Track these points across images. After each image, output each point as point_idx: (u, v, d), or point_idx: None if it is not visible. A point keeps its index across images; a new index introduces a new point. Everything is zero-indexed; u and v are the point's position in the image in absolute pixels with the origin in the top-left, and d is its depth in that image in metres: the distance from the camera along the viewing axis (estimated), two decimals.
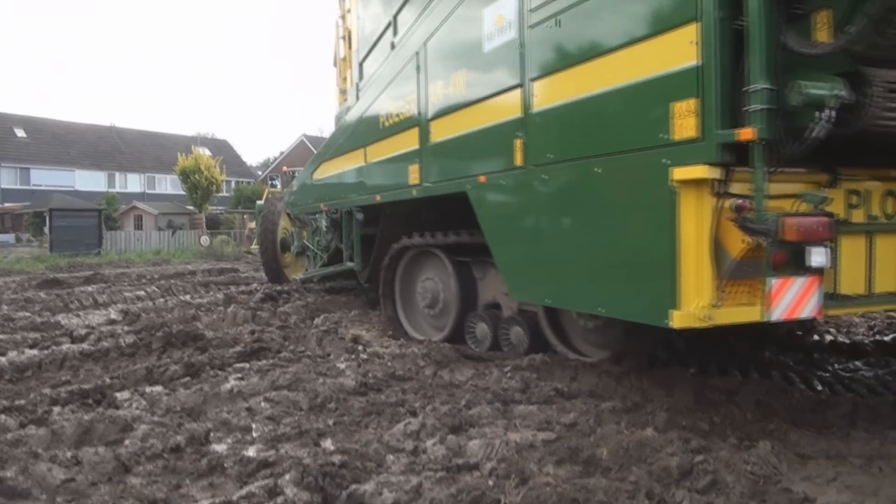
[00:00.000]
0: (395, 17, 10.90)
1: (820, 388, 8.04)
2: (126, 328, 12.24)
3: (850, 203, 6.10)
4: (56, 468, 5.32)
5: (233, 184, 70.98)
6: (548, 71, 7.38)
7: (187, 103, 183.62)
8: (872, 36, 5.00)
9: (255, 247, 31.98)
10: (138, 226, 51.76)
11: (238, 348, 10.01)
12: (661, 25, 5.74)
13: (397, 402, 7.32)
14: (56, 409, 7.00)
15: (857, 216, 6.11)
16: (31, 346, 10.51)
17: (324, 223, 15.43)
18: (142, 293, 17.93)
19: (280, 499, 4.78)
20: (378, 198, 11.26)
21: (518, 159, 7.81)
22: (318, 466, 5.11)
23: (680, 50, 5.49)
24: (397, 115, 10.58)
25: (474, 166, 8.72)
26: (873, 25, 4.90)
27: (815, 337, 11.12)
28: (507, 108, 8.00)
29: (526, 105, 7.70)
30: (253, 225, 34.89)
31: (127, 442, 6.08)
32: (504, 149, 8.02)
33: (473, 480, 4.98)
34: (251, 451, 5.92)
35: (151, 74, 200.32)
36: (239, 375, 8.55)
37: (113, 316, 14.02)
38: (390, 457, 5.75)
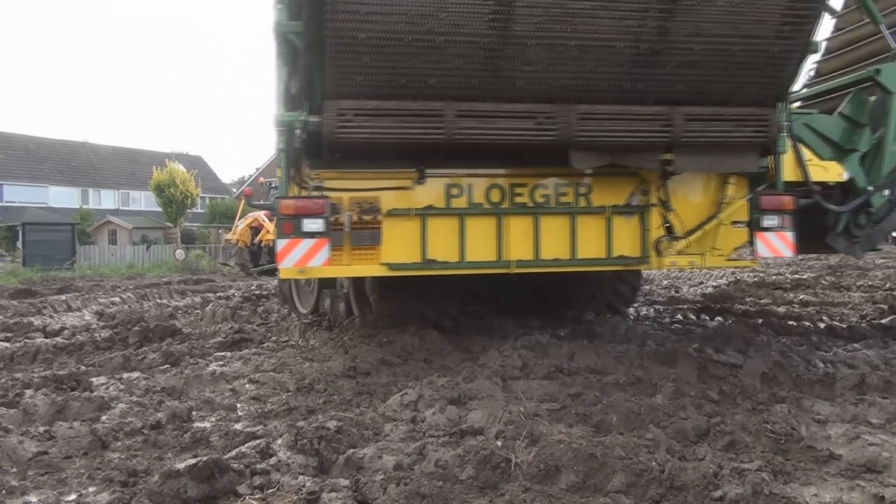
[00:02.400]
0: None
1: (822, 365, 7.79)
2: (101, 324, 11.81)
3: (450, 194, 8.03)
4: (28, 441, 4.95)
5: (207, 200, 70.40)
6: None
7: (161, 120, 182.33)
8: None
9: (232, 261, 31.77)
10: (112, 240, 50.92)
11: (219, 339, 9.65)
12: None
13: (389, 383, 6.98)
14: (28, 391, 6.58)
15: (458, 203, 8.04)
16: (2, 341, 10.05)
17: None
18: (117, 299, 17.46)
19: (273, 460, 4.43)
20: None
21: None
22: (312, 429, 4.78)
23: None
24: None
25: None
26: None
27: (808, 324, 10.94)
28: None
29: None
30: (229, 237, 34.42)
31: (104, 418, 5.73)
32: None
33: (479, 443, 4.64)
34: (238, 426, 5.55)
35: (125, 91, 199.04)
36: (221, 362, 8.18)
37: (87, 317, 13.57)
38: (388, 426, 5.41)
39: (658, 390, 6.21)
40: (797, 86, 10.48)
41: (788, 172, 8.58)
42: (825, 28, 12.65)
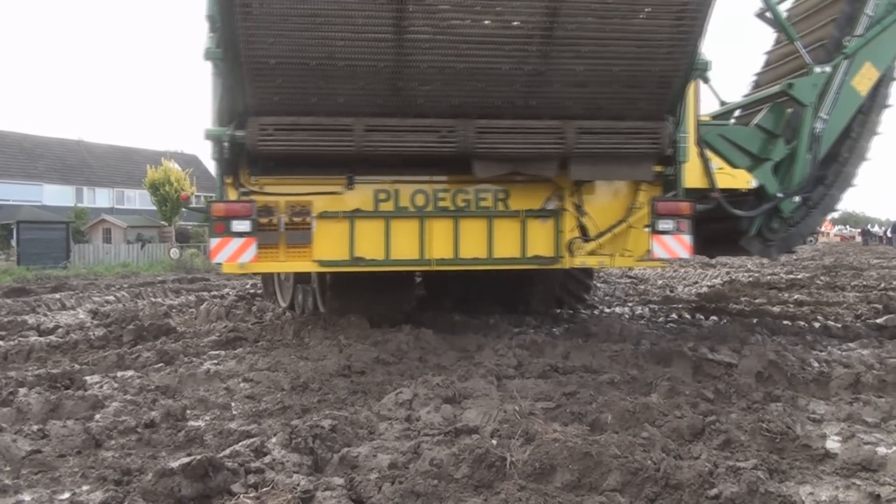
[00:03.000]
0: None
1: (816, 364, 7.79)
2: (95, 322, 11.77)
3: (378, 199, 8.90)
4: (21, 440, 4.92)
5: (202, 199, 70.06)
6: None
7: (156, 119, 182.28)
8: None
9: None
10: (107, 239, 50.74)
11: (213, 338, 9.62)
12: None
13: (384, 382, 6.96)
14: (22, 390, 6.56)
15: (385, 207, 8.89)
16: None
17: None
18: (111, 297, 17.41)
19: (267, 458, 4.41)
20: None
21: None
22: (307, 428, 4.75)
23: None
24: None
25: None
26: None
27: (803, 324, 10.95)
28: None
29: None
30: None
31: (98, 417, 5.71)
32: None
33: (475, 441, 4.62)
34: (232, 425, 5.52)
35: (120, 89, 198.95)
36: (215, 361, 8.16)
37: (82, 316, 13.53)
38: (383, 424, 5.39)
39: (653, 389, 6.21)
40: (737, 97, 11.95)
41: (699, 180, 9.40)
42: (768, 41, 13.07)
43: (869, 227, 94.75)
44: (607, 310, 13.87)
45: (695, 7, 7.66)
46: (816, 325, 10.88)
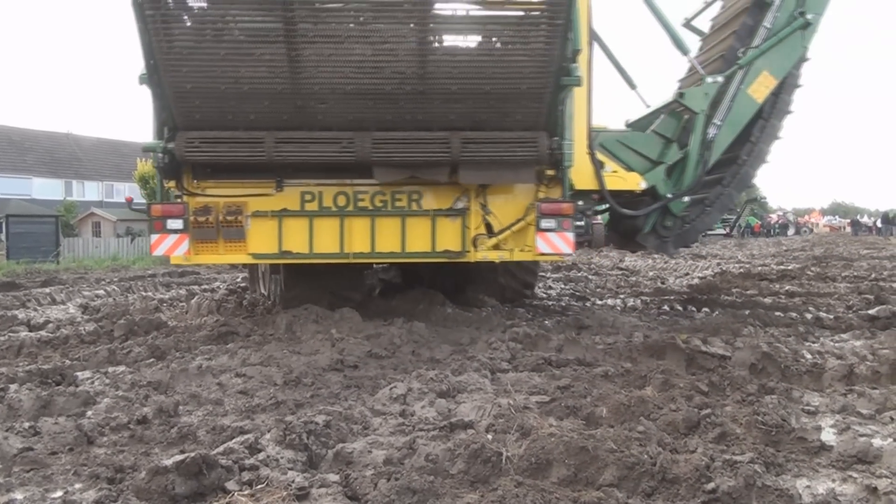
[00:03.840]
0: None
1: (809, 356, 7.80)
2: (86, 317, 11.71)
3: (305, 199, 9.89)
4: (13, 437, 4.87)
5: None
6: None
7: (146, 111, 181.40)
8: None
9: None
10: (96, 233, 50.61)
11: (204, 332, 9.56)
12: None
13: (377, 376, 6.94)
14: (13, 386, 6.51)
15: (311, 207, 9.88)
16: None
17: None
18: (101, 292, 17.33)
19: (261, 455, 4.38)
20: None
21: None
22: (301, 424, 4.72)
23: None
24: None
25: None
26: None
27: (795, 315, 10.95)
28: None
29: None
30: None
31: (90, 413, 5.66)
32: None
33: (470, 436, 4.60)
34: (225, 421, 5.49)
35: (109, 81, 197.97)
36: (207, 356, 8.09)
37: (72, 311, 13.46)
38: (377, 420, 5.37)
39: (647, 382, 6.19)
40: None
41: (590, 183, 10.56)
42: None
43: (858, 217, 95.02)
44: (599, 302, 13.87)
45: (550, 32, 8.65)
46: (808, 316, 10.90)
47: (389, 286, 14.31)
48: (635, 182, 10.92)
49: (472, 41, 9.00)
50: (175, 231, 9.49)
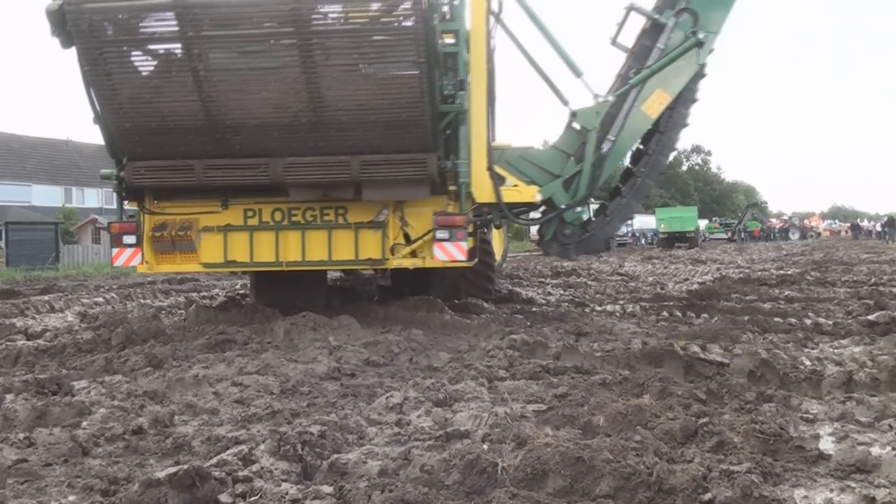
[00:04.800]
0: None
1: (808, 363, 7.76)
2: (84, 325, 11.68)
3: (247, 216, 11.29)
4: (7, 448, 4.85)
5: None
6: None
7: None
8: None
9: None
10: (96, 239, 50.47)
11: (202, 340, 9.54)
12: None
13: (374, 385, 6.91)
14: (9, 396, 6.47)
15: (252, 222, 11.29)
16: None
17: None
18: (100, 299, 17.31)
19: (255, 466, 4.35)
20: None
21: None
22: (296, 434, 4.69)
23: None
24: None
25: None
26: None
27: (794, 321, 10.92)
28: None
29: None
30: None
31: (85, 424, 5.63)
32: None
33: (466, 447, 4.57)
34: (220, 431, 5.47)
35: None
36: (204, 365, 8.06)
37: (70, 318, 13.44)
38: (372, 429, 5.34)
39: (645, 390, 6.16)
40: None
41: (489, 196, 11.42)
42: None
43: (859, 221, 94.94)
44: (598, 308, 13.84)
45: (416, 68, 9.71)
46: (808, 322, 10.85)
47: (387, 293, 14.53)
48: (531, 195, 11.80)
49: (354, 77, 10.03)
50: (130, 245, 11.14)
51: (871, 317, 10.76)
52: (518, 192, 11.77)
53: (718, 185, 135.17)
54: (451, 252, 10.70)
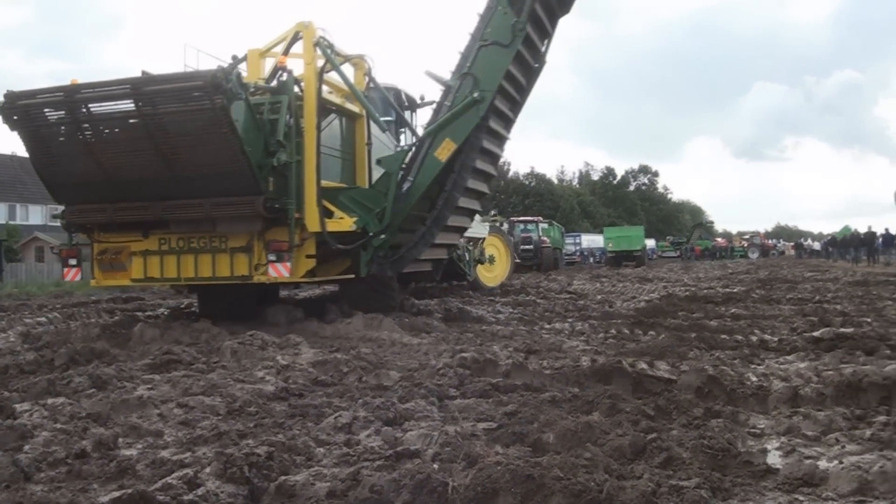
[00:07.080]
0: None
1: (755, 378, 7.84)
2: (26, 346, 11.45)
3: (161, 242, 14.04)
4: None
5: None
6: None
7: None
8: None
9: None
10: (39, 258, 49.76)
11: (147, 360, 9.39)
12: None
13: (323, 405, 6.83)
14: None
15: (164, 247, 14.07)
16: None
17: None
18: (43, 319, 16.99)
19: (201, 490, 4.27)
20: None
21: None
22: (242, 456, 4.62)
23: None
24: None
25: None
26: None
27: (740, 337, 11.04)
28: None
29: None
30: None
31: (27, 448, 5.48)
32: None
33: (416, 466, 4.53)
34: (165, 454, 5.36)
35: None
36: (149, 385, 7.94)
37: (12, 339, 13.13)
38: (320, 450, 5.28)
39: (594, 407, 6.16)
40: None
41: (318, 226, 13.72)
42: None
43: (802, 240, 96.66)
44: (547, 326, 13.89)
45: (231, 138, 12.34)
46: (754, 338, 10.97)
47: (337, 312, 14.65)
48: (348, 224, 14.31)
49: (186, 143, 12.65)
50: (73, 265, 14.72)
51: (815, 333, 10.90)
52: (339, 223, 14.31)
53: (664, 206, 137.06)
54: (280, 270, 13.30)
